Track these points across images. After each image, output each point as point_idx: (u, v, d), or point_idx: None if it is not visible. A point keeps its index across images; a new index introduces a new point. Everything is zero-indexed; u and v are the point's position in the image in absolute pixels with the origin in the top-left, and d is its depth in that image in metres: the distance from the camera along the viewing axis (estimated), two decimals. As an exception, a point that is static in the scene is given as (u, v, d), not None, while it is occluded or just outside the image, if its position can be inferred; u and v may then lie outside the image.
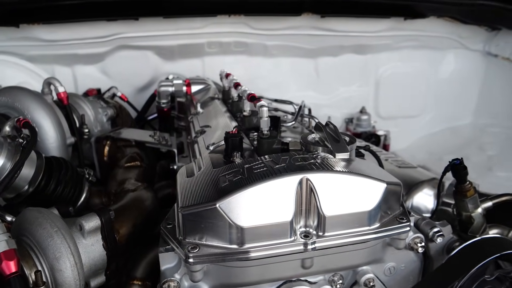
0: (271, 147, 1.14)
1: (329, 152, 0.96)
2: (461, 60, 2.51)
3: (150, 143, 1.48)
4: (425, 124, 2.59)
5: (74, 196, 1.20)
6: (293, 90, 2.34)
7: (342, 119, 2.46)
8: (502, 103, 2.44)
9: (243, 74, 2.18)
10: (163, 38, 1.97)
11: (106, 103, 1.73)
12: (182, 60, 2.15)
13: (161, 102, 1.80)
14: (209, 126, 1.33)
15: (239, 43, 2.11)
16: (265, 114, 1.13)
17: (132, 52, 2.04)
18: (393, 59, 2.41)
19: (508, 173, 1.90)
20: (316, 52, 2.25)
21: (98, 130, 1.63)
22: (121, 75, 2.08)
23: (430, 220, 1.04)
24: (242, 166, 0.93)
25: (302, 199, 0.87)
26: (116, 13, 1.73)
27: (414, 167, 1.54)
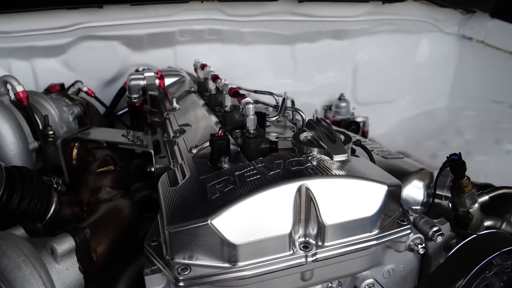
0: (258, 147, 1.06)
1: (325, 154, 0.89)
2: (436, 43, 2.49)
3: (123, 144, 1.36)
4: (402, 108, 2.58)
5: (42, 209, 1.08)
6: (270, 78, 2.26)
7: (320, 107, 2.40)
8: (476, 86, 2.46)
9: (217, 63, 2.07)
10: (130, 27, 1.82)
11: (72, 100, 1.59)
12: (152, 50, 2.00)
13: (132, 97, 1.68)
14: (189, 125, 1.23)
15: (213, 31, 1.99)
16: (251, 112, 1.05)
17: (97, 43, 1.88)
18: (370, 44, 2.37)
19: (486, 157, 1.91)
20: (293, 39, 2.17)
21: (64, 131, 1.49)
22: (86, 68, 1.92)
23: (428, 218, 1.00)
24: (233, 174, 0.85)
25: (300, 208, 0.80)
26: (77, 0, 1.57)
27: (401, 157, 1.51)
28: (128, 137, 1.40)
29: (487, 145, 2.02)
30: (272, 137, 1.24)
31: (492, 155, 1.93)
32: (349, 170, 0.85)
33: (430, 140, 2.18)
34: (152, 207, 1.42)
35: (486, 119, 2.28)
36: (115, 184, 1.21)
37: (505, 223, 1.14)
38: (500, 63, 2.26)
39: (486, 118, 2.29)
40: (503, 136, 2.07)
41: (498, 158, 1.90)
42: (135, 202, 1.35)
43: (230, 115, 1.30)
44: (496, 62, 2.29)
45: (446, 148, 2.04)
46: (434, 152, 2.04)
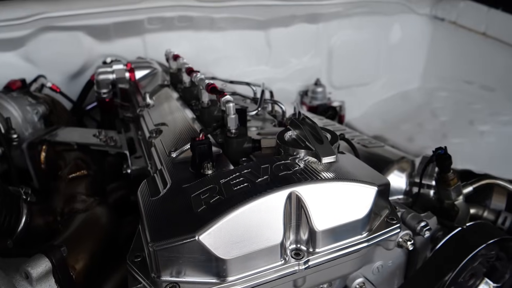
0: (241, 147, 1.02)
1: (313, 155, 0.86)
2: (409, 25, 2.49)
3: (95, 145, 1.28)
4: (377, 91, 2.58)
5: (11, 224, 1.00)
6: (244, 65, 2.19)
7: (296, 92, 2.37)
8: (448, 67, 2.49)
9: (189, 51, 1.99)
10: (95, 16, 1.69)
11: (35, 99, 1.48)
12: (119, 39, 1.89)
13: (101, 92, 1.58)
14: (165, 124, 1.16)
15: (184, 18, 1.89)
16: (232, 111, 1.00)
17: (59, 34, 1.74)
18: (344, 27, 2.33)
19: (461, 138, 1.95)
20: (267, 24, 2.10)
21: (29, 133, 1.39)
22: (48, 61, 1.78)
23: (415, 213, 0.99)
24: (218, 182, 0.80)
25: (291, 215, 0.77)
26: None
27: (381, 145, 1.50)
28: (100, 137, 1.32)
29: (461, 126, 2.05)
30: (252, 132, 1.21)
31: (466, 137, 1.96)
32: (338, 172, 0.83)
33: (406, 123, 2.20)
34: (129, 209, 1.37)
35: (459, 100, 2.31)
36: (89, 190, 1.14)
37: (486, 211, 1.16)
38: (472, 44, 2.29)
39: (459, 99, 2.32)
40: (476, 117, 2.11)
41: (472, 140, 1.94)
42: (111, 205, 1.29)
43: (208, 111, 1.24)
44: (468, 42, 2.31)
45: (422, 131, 2.07)
46: (411, 136, 2.06)
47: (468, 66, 2.37)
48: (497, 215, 1.14)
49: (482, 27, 2.19)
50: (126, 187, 1.44)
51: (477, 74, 2.33)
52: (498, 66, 2.20)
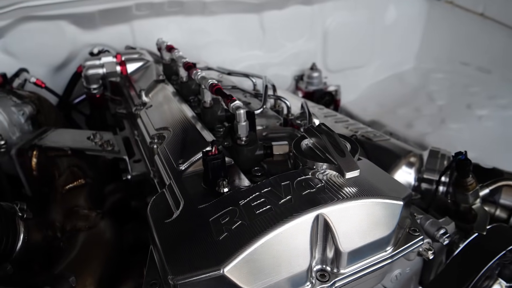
0: (253, 155, 0.97)
1: (335, 169, 0.81)
2: (404, 4, 2.42)
3: (91, 150, 1.20)
4: (372, 72, 2.53)
5: (9, 245, 0.93)
6: (237, 50, 2.10)
7: (291, 77, 2.29)
8: (443, 47, 2.45)
9: (179, 37, 1.89)
10: (79, 4, 1.56)
11: (20, 98, 1.37)
12: (106, 27, 1.76)
13: (91, 88, 1.48)
14: (168, 129, 1.09)
15: (174, 2, 1.77)
16: (242, 118, 0.94)
17: (40, 24, 1.61)
18: (339, 8, 2.24)
19: (460, 124, 1.93)
20: (260, 7, 2.00)
21: (17, 136, 1.29)
22: (30, 53, 1.65)
23: (434, 219, 0.97)
24: (237, 203, 0.75)
25: (317, 238, 0.73)
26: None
27: (387, 138, 1.46)
28: (96, 140, 1.23)
29: (459, 111, 2.03)
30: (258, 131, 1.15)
31: (465, 122, 1.95)
32: (363, 188, 0.78)
33: (403, 107, 2.17)
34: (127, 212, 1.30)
35: (456, 83, 2.29)
36: (89, 201, 1.07)
37: (498, 209, 1.15)
38: (469, 24, 2.24)
39: (455, 81, 2.30)
40: (474, 100, 2.09)
41: (471, 125, 1.92)
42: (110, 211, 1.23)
43: (211, 111, 1.17)
44: (465, 23, 2.26)
45: (420, 116, 2.04)
46: (409, 121, 2.03)
47: (464, 47, 2.34)
48: (509, 214, 1.13)
49: (480, 7, 2.14)
50: (123, 189, 1.37)
51: (473, 55, 2.30)
52: (495, 47, 2.17)
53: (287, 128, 1.18)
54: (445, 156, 1.36)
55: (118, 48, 1.82)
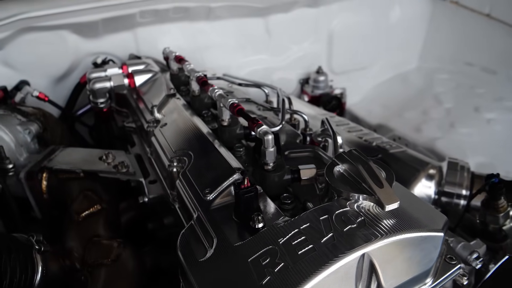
0: (281, 181, 0.93)
1: (374, 201, 0.78)
2: (408, 4, 2.39)
3: (104, 172, 1.15)
4: (375, 73, 2.51)
5: (28, 281, 0.89)
6: (242, 54, 2.05)
7: (296, 81, 2.26)
8: (447, 47, 2.43)
9: (184, 43, 1.84)
10: (81, 13, 1.49)
11: (25, 115, 1.31)
12: (109, 35, 1.69)
13: (98, 102, 1.42)
14: (188, 152, 1.05)
15: (179, 9, 1.71)
16: (270, 144, 0.90)
17: (41, 34, 1.53)
18: (344, 9, 2.20)
19: (469, 128, 1.92)
20: (266, 10, 1.95)
21: (24, 158, 1.23)
22: (30, 64, 1.58)
23: (466, 242, 0.95)
24: (275, 242, 0.72)
25: (361, 277, 0.71)
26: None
27: (403, 149, 1.44)
28: (108, 160, 1.18)
29: (467, 114, 2.02)
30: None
31: (474, 126, 1.94)
32: (403, 220, 0.76)
33: (410, 110, 2.15)
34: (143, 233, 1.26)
35: (461, 84, 2.27)
36: (108, 229, 1.03)
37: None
38: (474, 25, 2.22)
39: (461, 82, 2.28)
40: (481, 103, 2.08)
41: (480, 129, 1.91)
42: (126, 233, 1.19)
43: (229, 129, 1.14)
44: (470, 24, 2.24)
45: (428, 120, 2.02)
46: (417, 125, 2.01)
47: (469, 47, 2.32)
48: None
49: (486, 8, 2.11)
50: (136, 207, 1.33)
51: (477, 56, 2.29)
52: (500, 48, 2.15)
53: (308, 147, 1.14)
54: (464, 168, 1.34)
55: (121, 56, 1.76)
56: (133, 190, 1.18)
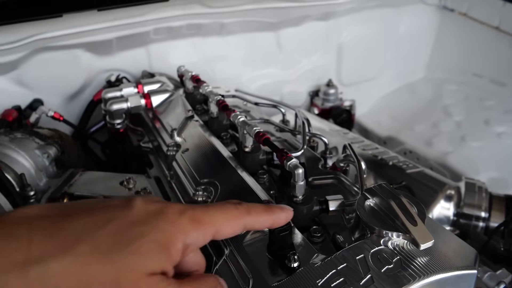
0: (309, 213, 0.93)
1: (409, 239, 0.78)
2: (416, 15, 2.39)
3: (127, 198, 1.14)
4: (383, 84, 2.51)
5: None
6: (253, 68, 2.04)
7: (306, 93, 2.26)
8: (455, 58, 2.44)
9: (195, 58, 1.84)
10: (96, 32, 1.48)
11: (43, 139, 1.30)
12: (122, 52, 1.68)
13: (115, 124, 1.41)
14: (215, 182, 1.04)
15: (192, 25, 1.70)
16: (301, 177, 0.90)
17: (55, 54, 1.52)
18: (354, 22, 2.21)
19: (480, 142, 1.93)
20: (278, 25, 1.94)
21: (43, 183, 1.23)
22: (44, 83, 1.57)
23: (492, 272, 0.96)
24: (315, 284, 0.72)
25: (399, 319, 0.71)
26: (30, 13, 1.22)
27: (418, 168, 1.44)
28: (130, 186, 1.18)
29: (477, 127, 2.03)
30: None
31: (485, 140, 1.94)
32: (436, 258, 0.76)
33: (420, 123, 2.15)
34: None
35: (470, 95, 2.28)
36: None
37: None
38: (483, 37, 2.23)
39: (470, 94, 2.29)
40: (491, 116, 2.08)
41: (491, 143, 1.92)
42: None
43: (252, 156, 1.14)
44: (479, 36, 2.25)
45: (438, 134, 2.03)
46: (428, 139, 2.02)
47: (477, 59, 2.33)
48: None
49: (495, 21, 2.12)
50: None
51: (486, 67, 2.29)
52: (509, 61, 2.16)
53: (331, 173, 1.15)
54: (482, 189, 1.35)
55: (134, 73, 1.76)
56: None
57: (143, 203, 0.52)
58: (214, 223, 0.55)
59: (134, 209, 0.50)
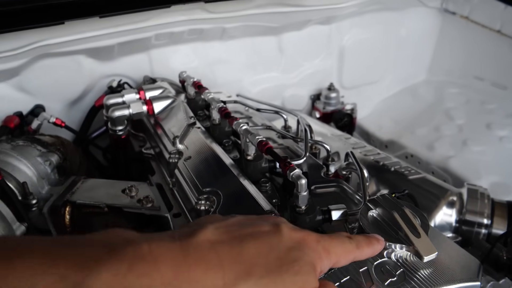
0: (312, 223, 0.93)
1: (412, 251, 0.78)
2: (417, 18, 2.39)
3: (129, 207, 1.14)
4: (385, 87, 2.51)
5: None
6: (254, 72, 2.04)
7: (308, 97, 2.25)
8: (457, 61, 2.44)
9: (196, 62, 1.84)
10: (98, 39, 1.48)
11: (45, 146, 1.30)
12: (123, 58, 1.68)
13: (117, 130, 1.41)
14: (217, 191, 1.04)
15: (194, 31, 1.70)
16: (304, 188, 0.90)
17: (58, 60, 1.52)
18: (355, 25, 2.20)
19: (482, 146, 1.92)
20: (279, 29, 1.94)
21: (45, 190, 1.23)
22: (45, 89, 1.57)
23: (495, 282, 0.96)
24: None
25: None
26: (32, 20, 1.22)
27: (421, 174, 1.44)
28: (132, 194, 1.18)
29: (479, 131, 2.02)
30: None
31: (486, 144, 1.94)
32: (439, 270, 0.77)
33: (421, 126, 2.15)
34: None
35: (471, 98, 2.28)
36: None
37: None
38: (485, 41, 2.22)
39: (471, 97, 2.29)
40: (493, 119, 2.08)
41: (493, 147, 1.92)
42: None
43: (254, 164, 1.13)
44: (481, 39, 2.24)
45: (440, 137, 2.03)
46: (430, 143, 2.02)
47: (478, 62, 2.32)
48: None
49: (497, 24, 2.12)
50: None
51: (487, 70, 2.29)
52: (510, 64, 2.16)
53: (333, 181, 1.14)
54: (484, 195, 1.35)
55: (135, 78, 1.76)
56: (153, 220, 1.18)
57: (288, 230, 0.61)
58: (337, 254, 0.64)
59: (284, 236, 0.59)
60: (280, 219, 0.66)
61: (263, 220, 0.64)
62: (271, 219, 0.65)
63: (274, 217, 0.70)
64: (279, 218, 0.69)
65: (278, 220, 0.65)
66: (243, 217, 0.65)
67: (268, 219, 0.65)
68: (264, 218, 0.66)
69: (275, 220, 0.64)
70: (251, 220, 0.64)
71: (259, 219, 0.65)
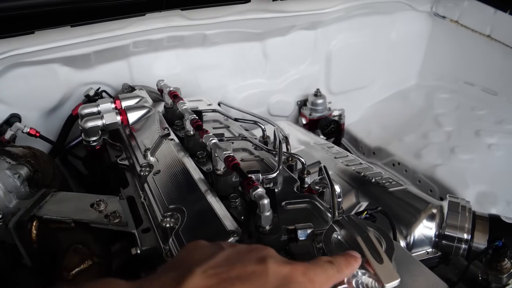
0: (277, 243, 0.90)
1: (373, 278, 0.75)
2: (408, 22, 2.36)
3: (96, 223, 1.11)
4: (374, 91, 2.48)
5: None
6: (239, 79, 2.01)
7: (294, 103, 2.22)
8: (447, 66, 2.40)
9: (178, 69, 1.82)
10: (72, 47, 1.45)
11: (15, 158, 1.27)
12: (101, 65, 1.65)
13: (90, 141, 1.39)
14: (182, 208, 1.01)
15: (173, 38, 1.67)
16: (266, 208, 0.87)
17: (31, 69, 1.49)
18: (343, 30, 2.17)
19: (470, 154, 1.89)
20: (264, 35, 1.91)
21: (13, 205, 1.20)
22: (21, 98, 1.54)
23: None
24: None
25: None
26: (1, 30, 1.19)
27: (402, 187, 1.41)
28: (100, 208, 1.15)
29: (468, 138, 1.99)
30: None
31: (475, 152, 1.90)
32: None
33: (409, 133, 2.11)
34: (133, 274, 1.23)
35: (461, 104, 2.24)
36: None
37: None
38: (475, 45, 2.19)
39: (461, 103, 2.25)
40: (482, 126, 2.04)
41: (481, 155, 1.88)
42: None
43: (224, 179, 1.10)
44: (470, 44, 2.21)
45: (428, 145, 1.99)
46: (417, 151, 1.98)
47: (469, 67, 2.29)
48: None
49: (487, 29, 2.08)
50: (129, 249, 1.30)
51: (478, 75, 2.26)
52: (501, 69, 2.12)
53: (306, 196, 1.11)
54: (466, 209, 1.31)
55: (115, 85, 1.73)
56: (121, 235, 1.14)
57: (274, 266, 0.61)
58: (321, 283, 0.65)
59: (271, 275, 0.60)
60: (266, 252, 0.65)
61: (250, 252, 0.64)
62: (258, 252, 0.64)
63: (260, 248, 0.68)
64: (266, 250, 0.67)
65: (264, 254, 0.64)
66: (230, 249, 0.66)
67: (255, 251, 0.65)
68: (252, 249, 0.66)
69: (261, 254, 0.64)
70: (239, 254, 0.64)
71: (247, 251, 0.65)
